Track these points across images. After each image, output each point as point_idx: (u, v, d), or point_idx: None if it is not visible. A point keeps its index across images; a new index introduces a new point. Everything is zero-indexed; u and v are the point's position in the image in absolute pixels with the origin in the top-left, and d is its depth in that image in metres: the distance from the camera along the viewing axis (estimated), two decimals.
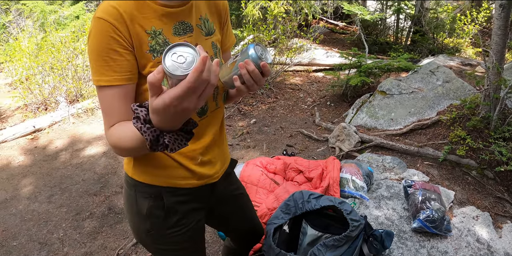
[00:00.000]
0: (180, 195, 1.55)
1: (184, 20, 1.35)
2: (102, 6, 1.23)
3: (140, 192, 1.52)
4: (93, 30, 1.21)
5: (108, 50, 1.20)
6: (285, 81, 7.27)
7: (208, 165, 1.56)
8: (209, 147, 1.54)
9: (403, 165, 4.06)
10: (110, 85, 1.24)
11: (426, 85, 5.28)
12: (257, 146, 5.00)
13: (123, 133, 1.19)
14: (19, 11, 12.49)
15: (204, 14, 1.45)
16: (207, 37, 1.45)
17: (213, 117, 1.54)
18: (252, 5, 7.46)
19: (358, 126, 4.96)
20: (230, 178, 1.84)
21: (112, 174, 4.64)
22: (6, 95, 7.68)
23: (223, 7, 1.54)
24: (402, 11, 9.17)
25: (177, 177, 1.50)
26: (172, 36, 1.32)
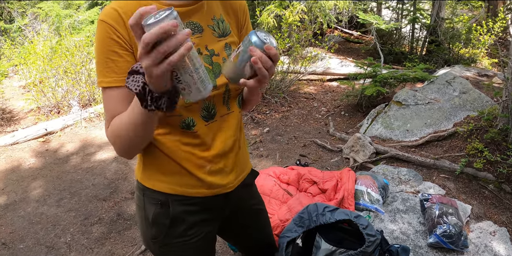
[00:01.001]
0: (189, 205, 1.49)
1: (192, 20, 1.32)
2: (105, 9, 1.24)
3: (148, 197, 1.49)
4: (96, 33, 1.23)
5: (108, 52, 1.21)
6: (299, 90, 7.23)
7: (219, 174, 1.48)
8: (220, 155, 1.46)
9: (419, 177, 3.98)
10: (110, 86, 1.24)
11: (443, 95, 5.20)
12: (270, 155, 4.95)
13: (117, 120, 1.22)
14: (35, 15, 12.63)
15: (219, 14, 1.40)
16: (221, 39, 1.39)
17: (224, 122, 1.46)
18: (267, 13, 7.45)
19: (373, 137, 4.90)
20: (251, 190, 1.76)
21: (123, 179, 4.62)
22: (20, 97, 7.74)
23: (241, 8, 1.48)
24: (418, 20, 9.10)
25: (185, 185, 1.45)
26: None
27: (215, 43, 1.38)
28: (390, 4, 10.72)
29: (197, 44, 1.33)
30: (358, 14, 8.65)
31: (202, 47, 1.35)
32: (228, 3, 1.45)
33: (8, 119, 6.90)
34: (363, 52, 9.71)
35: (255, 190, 1.82)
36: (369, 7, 11.39)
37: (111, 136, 1.26)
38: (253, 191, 1.79)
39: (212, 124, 1.42)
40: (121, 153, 1.30)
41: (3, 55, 10.79)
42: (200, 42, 1.34)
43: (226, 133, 1.47)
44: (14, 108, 7.45)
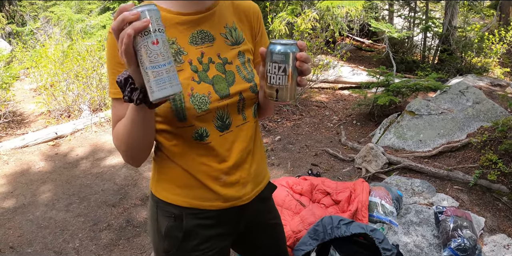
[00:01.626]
0: (203, 218, 1.45)
1: (203, 28, 1.31)
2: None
3: (161, 210, 1.46)
4: (106, 43, 1.26)
5: (115, 63, 1.23)
6: (311, 98, 7.21)
7: (235, 186, 1.44)
8: (236, 166, 1.42)
9: (432, 189, 3.94)
10: (116, 97, 1.26)
11: (456, 106, 5.16)
12: (281, 164, 4.92)
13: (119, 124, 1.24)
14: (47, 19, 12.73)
15: (232, 22, 1.38)
16: (234, 47, 1.37)
17: (240, 131, 1.42)
18: (279, 20, 7.45)
19: (386, 147, 4.86)
20: (268, 204, 1.71)
21: (132, 185, 4.60)
22: (31, 100, 7.79)
23: (254, 15, 1.46)
24: (430, 29, 9.06)
25: (200, 198, 1.41)
26: (188, 45, 1.29)
27: (228, 51, 1.35)
28: (402, 12, 10.70)
29: (207, 53, 1.31)
30: (370, 22, 8.64)
31: (214, 55, 1.32)
32: (241, 10, 1.43)
33: (18, 121, 6.94)
34: (375, 60, 9.68)
35: (272, 204, 1.76)
36: (381, 15, 11.38)
37: (116, 142, 1.27)
38: (270, 205, 1.73)
39: (227, 135, 1.38)
40: (127, 159, 1.29)
41: (14, 58, 10.87)
42: (211, 51, 1.32)
43: (243, 144, 1.43)
44: (24, 111, 7.49)
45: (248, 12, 1.44)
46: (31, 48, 11.07)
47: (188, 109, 1.26)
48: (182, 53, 1.27)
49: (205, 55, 1.31)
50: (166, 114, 1.27)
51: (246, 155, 1.46)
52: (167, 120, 1.30)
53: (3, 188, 4.74)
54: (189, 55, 1.28)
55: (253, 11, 1.45)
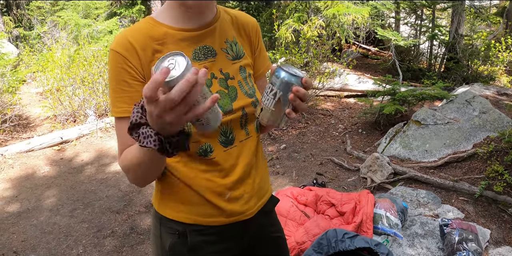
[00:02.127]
0: (207, 235, 1.44)
1: (205, 44, 1.31)
2: (116, 37, 1.24)
3: (165, 226, 1.45)
4: (108, 61, 1.24)
5: (119, 81, 1.21)
6: (317, 106, 7.20)
7: (239, 201, 1.43)
8: (240, 181, 1.42)
9: (437, 200, 3.92)
10: (121, 116, 1.24)
11: (462, 115, 5.14)
12: (286, 173, 4.91)
13: (127, 154, 1.21)
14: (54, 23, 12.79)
15: (232, 37, 1.38)
16: (235, 61, 1.37)
17: (244, 147, 1.41)
18: (285, 27, 7.46)
19: (391, 157, 4.84)
20: (271, 217, 1.69)
21: (137, 192, 4.60)
22: (37, 104, 7.84)
23: (253, 29, 1.46)
24: (437, 37, 9.05)
25: (203, 214, 1.40)
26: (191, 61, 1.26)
27: (229, 66, 1.35)
28: (408, 20, 10.69)
29: (210, 68, 1.31)
30: (376, 29, 8.64)
31: (217, 71, 1.32)
32: (240, 24, 1.43)
33: (24, 125, 6.98)
34: (381, 68, 9.67)
35: (275, 217, 1.75)
36: (387, 23, 11.38)
37: (123, 168, 1.25)
38: (273, 218, 1.72)
39: (231, 150, 1.38)
40: (134, 183, 1.29)
41: (21, 61, 10.93)
42: (214, 66, 1.32)
43: (246, 159, 1.43)
44: (30, 114, 7.52)
45: (247, 27, 1.44)
46: (38, 52, 11.13)
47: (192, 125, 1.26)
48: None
49: (208, 71, 1.30)
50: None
51: (249, 170, 1.45)
52: None
53: (8, 192, 4.76)
54: None
55: (251, 25, 1.46)
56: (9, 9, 18.45)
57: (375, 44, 11.31)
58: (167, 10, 1.29)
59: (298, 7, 8.22)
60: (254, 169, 1.48)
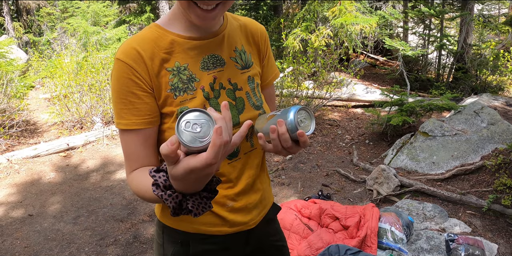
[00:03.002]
0: (210, 244, 1.42)
1: (214, 53, 1.28)
2: (123, 46, 1.19)
3: (168, 235, 1.44)
4: (113, 72, 1.18)
5: (126, 93, 1.17)
6: (324, 116, 7.17)
7: (242, 212, 1.42)
8: (243, 192, 1.40)
9: (444, 214, 3.87)
10: (128, 129, 1.20)
11: (470, 127, 5.09)
12: (292, 184, 4.87)
13: (142, 183, 1.14)
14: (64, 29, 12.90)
15: (240, 45, 1.35)
16: (243, 71, 1.34)
17: (248, 158, 1.39)
18: (293, 37, 7.47)
19: (398, 169, 4.80)
20: (273, 226, 1.66)
21: (141, 201, 4.59)
22: (44, 110, 7.88)
23: (262, 38, 1.43)
24: (445, 47, 9.02)
25: (206, 223, 1.38)
26: (199, 70, 1.25)
27: (238, 76, 1.33)
28: (416, 30, 10.68)
29: (219, 78, 1.28)
30: (384, 39, 8.63)
31: (225, 81, 1.30)
32: (249, 32, 1.40)
33: (31, 131, 7.01)
34: (389, 78, 9.64)
35: (278, 226, 1.72)
36: (395, 32, 11.36)
37: (132, 189, 1.21)
38: (275, 227, 1.69)
39: (236, 162, 1.36)
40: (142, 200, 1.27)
41: (30, 67, 11.01)
42: (222, 75, 1.29)
43: (250, 171, 1.41)
44: (38, 120, 7.56)
45: (256, 34, 1.42)
46: (47, 58, 11.22)
47: None
48: (195, 80, 1.24)
49: (217, 80, 1.28)
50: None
51: (253, 182, 1.43)
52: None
53: (13, 197, 4.77)
54: (201, 82, 1.25)
55: (260, 33, 1.43)
56: (19, 15, 18.64)
57: (383, 54, 11.31)
58: (174, 18, 1.25)
59: (306, 17, 8.24)
60: (258, 180, 1.47)
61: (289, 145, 1.08)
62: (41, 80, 10.14)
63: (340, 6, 7.99)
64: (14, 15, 18.57)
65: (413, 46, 10.19)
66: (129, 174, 1.23)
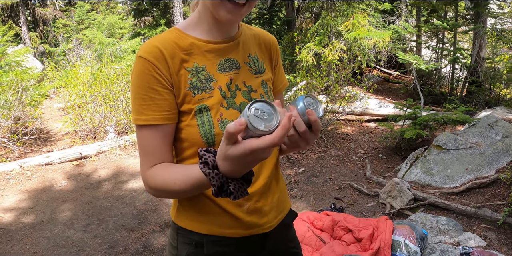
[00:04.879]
0: (224, 246, 1.41)
1: (230, 57, 1.33)
2: (144, 45, 1.24)
3: (182, 237, 1.43)
4: (135, 69, 1.23)
5: (147, 89, 1.21)
6: (337, 130, 7.17)
7: (258, 213, 1.41)
8: (260, 193, 1.40)
9: (459, 227, 3.82)
10: (147, 124, 1.23)
11: (485, 140, 5.06)
12: (304, 197, 4.85)
13: (170, 175, 1.18)
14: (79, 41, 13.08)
15: (254, 52, 1.41)
16: (257, 76, 1.39)
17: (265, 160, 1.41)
18: (306, 51, 7.50)
19: (411, 182, 4.77)
20: (289, 232, 1.65)
21: (152, 211, 4.59)
22: (58, 119, 7.97)
23: (274, 47, 1.49)
24: (458, 60, 9.00)
25: (221, 225, 1.38)
26: (216, 72, 1.30)
27: (252, 80, 1.37)
28: (430, 43, 10.68)
29: (234, 80, 1.33)
30: (397, 53, 8.64)
31: (240, 83, 1.34)
32: (262, 40, 1.46)
33: (44, 139, 7.09)
34: (402, 92, 9.62)
35: (294, 233, 1.70)
36: (408, 46, 11.36)
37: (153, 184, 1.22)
38: (291, 233, 1.68)
39: None
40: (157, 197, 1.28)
41: (45, 76, 11.16)
42: (238, 78, 1.33)
43: (267, 171, 1.42)
44: (51, 129, 7.64)
45: (268, 44, 1.48)
46: (62, 68, 11.37)
47: (217, 135, 1.26)
48: (212, 80, 1.29)
49: (233, 82, 1.32)
50: (195, 140, 1.27)
51: (270, 182, 1.44)
52: (195, 146, 1.29)
53: (24, 204, 4.81)
54: (218, 82, 1.29)
55: (273, 43, 1.49)
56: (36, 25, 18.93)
57: (396, 68, 11.31)
58: (194, 23, 1.32)
59: (319, 31, 8.28)
60: (274, 181, 1.47)
61: (304, 129, 1.09)
62: (56, 90, 10.28)
63: (353, 20, 8.03)
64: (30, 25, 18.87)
65: (426, 60, 10.17)
66: (147, 170, 1.24)
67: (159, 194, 1.24)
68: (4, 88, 6.94)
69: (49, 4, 19.01)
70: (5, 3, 16.86)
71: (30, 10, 18.73)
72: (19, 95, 6.89)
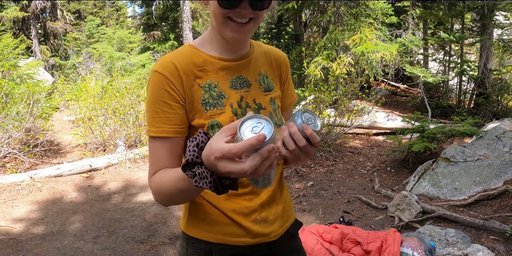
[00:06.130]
0: (232, 254, 1.46)
1: (241, 74, 1.38)
2: (160, 60, 1.30)
3: (191, 246, 1.48)
4: (150, 82, 1.28)
5: (160, 102, 1.26)
6: (345, 143, 7.20)
7: (264, 223, 1.46)
8: (266, 204, 1.46)
9: (467, 239, 3.83)
10: (157, 136, 1.28)
11: (492, 151, 5.07)
12: (313, 210, 4.87)
13: (164, 177, 1.24)
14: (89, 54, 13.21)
15: (264, 70, 1.46)
16: (266, 93, 1.44)
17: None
18: (314, 65, 7.55)
19: (420, 195, 4.78)
20: (295, 242, 1.69)
21: (162, 223, 4.62)
22: (68, 132, 8.04)
23: (284, 63, 1.53)
24: (465, 73, 9.02)
25: (229, 234, 1.43)
26: (228, 89, 1.35)
27: (261, 97, 1.42)
28: (437, 56, 10.70)
29: (245, 97, 1.38)
30: (405, 67, 8.67)
31: (250, 100, 1.39)
32: (272, 58, 1.51)
33: (55, 151, 7.15)
34: (410, 105, 9.63)
35: (299, 242, 1.74)
36: (415, 59, 11.39)
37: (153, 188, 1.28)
38: (297, 243, 1.72)
39: None
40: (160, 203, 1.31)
41: (56, 89, 11.24)
42: (248, 95, 1.38)
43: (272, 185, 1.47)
44: (61, 141, 7.71)
45: (279, 61, 1.52)
46: (72, 81, 11.47)
47: None
48: (224, 97, 1.34)
49: (244, 99, 1.37)
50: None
51: (274, 194, 1.50)
52: None
53: (34, 214, 4.84)
54: (230, 99, 1.35)
55: (283, 59, 1.54)
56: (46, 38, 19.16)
57: (404, 81, 11.32)
58: (208, 41, 1.37)
59: (327, 45, 8.34)
60: (279, 192, 1.53)
61: (303, 144, 1.12)
62: (66, 103, 10.37)
63: (360, 34, 8.08)
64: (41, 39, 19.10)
65: (433, 72, 10.20)
66: (151, 177, 1.30)
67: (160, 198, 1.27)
68: (16, 100, 7.04)
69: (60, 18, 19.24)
70: (17, 17, 17.10)
71: (41, 23, 18.99)
72: (30, 107, 6.99)
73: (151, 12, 13.31)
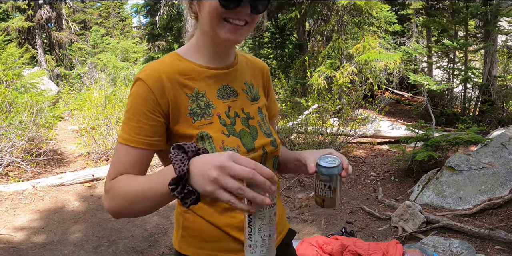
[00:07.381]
0: None
1: (228, 84, 1.37)
2: (145, 67, 1.27)
3: None
4: (132, 88, 1.25)
5: (137, 110, 1.22)
6: (349, 153, 7.17)
7: None
8: None
9: (472, 250, 3.77)
10: (125, 144, 1.22)
11: (498, 159, 5.02)
12: (315, 221, 4.82)
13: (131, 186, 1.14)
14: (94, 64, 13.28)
15: (250, 80, 1.45)
16: (253, 103, 1.43)
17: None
18: (318, 74, 7.54)
19: (424, 205, 4.73)
20: (289, 251, 1.67)
21: (163, 234, 4.59)
22: (72, 141, 8.06)
23: (265, 74, 1.53)
24: (470, 80, 8.98)
25: (225, 249, 1.40)
26: (216, 98, 1.33)
27: (249, 107, 1.41)
28: (441, 63, 10.68)
29: (233, 107, 1.35)
30: (408, 75, 8.64)
31: (239, 110, 1.37)
32: (255, 68, 1.50)
33: (58, 160, 7.16)
34: (414, 114, 9.59)
35: (293, 250, 1.71)
36: (419, 67, 11.37)
37: (111, 195, 1.18)
38: (291, 251, 1.69)
39: None
40: (113, 210, 1.19)
41: (60, 99, 11.29)
42: (236, 105, 1.36)
43: None
44: (65, 150, 7.72)
45: (261, 71, 1.52)
46: (76, 91, 11.52)
47: None
48: (211, 107, 1.32)
49: (232, 109, 1.35)
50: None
51: None
52: None
53: (36, 223, 4.83)
54: (217, 109, 1.32)
55: (264, 70, 1.54)
56: (51, 48, 19.32)
57: (408, 89, 11.30)
58: (195, 48, 1.35)
59: (330, 54, 8.34)
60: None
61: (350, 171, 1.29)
62: (70, 112, 10.42)
63: (364, 43, 8.08)
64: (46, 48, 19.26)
65: (438, 80, 10.17)
66: (109, 181, 1.21)
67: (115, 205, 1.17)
68: (19, 109, 7.07)
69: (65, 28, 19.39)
70: (22, 26, 17.24)
71: (46, 33, 19.16)
72: (34, 116, 7.01)
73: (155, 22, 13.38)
